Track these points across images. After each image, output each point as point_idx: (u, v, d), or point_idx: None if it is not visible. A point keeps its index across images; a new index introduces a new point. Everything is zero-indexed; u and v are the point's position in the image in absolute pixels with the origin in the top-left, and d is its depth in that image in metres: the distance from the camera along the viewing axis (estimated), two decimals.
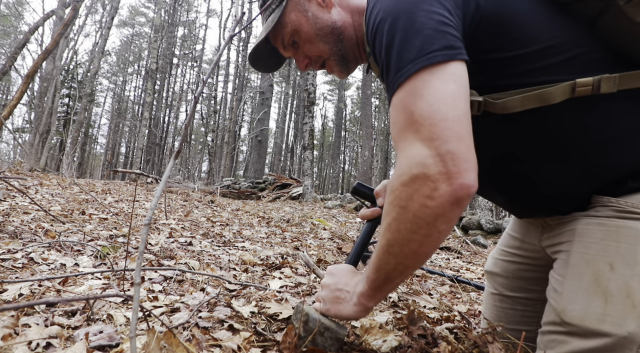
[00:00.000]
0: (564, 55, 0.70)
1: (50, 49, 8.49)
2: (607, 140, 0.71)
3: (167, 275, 1.47)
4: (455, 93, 0.61)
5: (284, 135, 26.54)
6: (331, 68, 0.91)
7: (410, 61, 0.62)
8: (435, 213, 0.60)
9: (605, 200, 0.73)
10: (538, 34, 0.70)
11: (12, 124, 23.15)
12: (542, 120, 0.72)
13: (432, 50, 0.62)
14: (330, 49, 0.87)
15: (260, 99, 13.52)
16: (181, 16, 26.53)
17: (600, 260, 0.70)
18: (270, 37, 0.90)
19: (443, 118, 0.59)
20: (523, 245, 0.98)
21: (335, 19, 0.85)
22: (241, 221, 4.11)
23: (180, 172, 14.49)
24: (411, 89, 0.62)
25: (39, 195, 3.70)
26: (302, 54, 0.90)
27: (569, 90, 0.68)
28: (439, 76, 0.61)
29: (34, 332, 0.85)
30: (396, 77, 0.65)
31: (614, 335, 0.65)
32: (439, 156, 0.59)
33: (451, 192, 0.58)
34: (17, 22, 22.81)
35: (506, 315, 1.02)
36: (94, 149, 32.96)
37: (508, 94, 0.71)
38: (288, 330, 0.81)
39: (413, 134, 0.62)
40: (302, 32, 0.86)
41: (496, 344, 0.75)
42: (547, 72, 0.70)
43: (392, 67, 0.66)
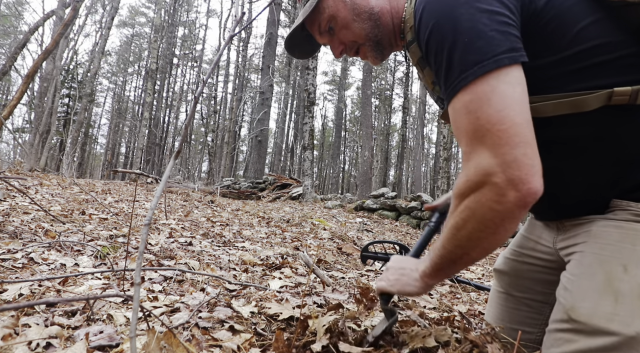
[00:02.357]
0: (605, 57, 0.69)
1: (50, 49, 8.49)
2: (635, 147, 0.71)
3: (167, 275, 1.47)
4: (522, 97, 0.62)
5: (284, 135, 26.55)
6: (365, 54, 0.91)
7: (475, 63, 0.62)
8: (503, 216, 0.63)
9: (625, 204, 0.73)
10: (582, 36, 0.69)
11: (12, 124, 23.15)
12: (576, 124, 0.72)
13: (497, 53, 0.62)
14: (367, 34, 0.86)
15: (260, 99, 13.52)
16: (181, 16, 26.52)
17: (614, 261, 0.70)
18: (307, 22, 0.90)
19: (511, 124, 0.60)
20: (537, 247, 0.98)
21: (372, 4, 0.85)
22: (241, 221, 4.11)
23: (180, 172, 14.49)
24: (478, 92, 0.62)
25: (39, 195, 3.70)
26: (338, 40, 0.90)
27: (605, 98, 0.67)
28: (505, 80, 0.61)
29: (34, 332, 0.85)
30: (459, 78, 0.64)
31: (622, 334, 0.65)
32: (506, 163, 0.60)
33: (520, 197, 0.60)
34: (17, 22, 22.81)
35: (510, 315, 1.02)
36: (94, 149, 32.96)
37: (542, 98, 0.70)
38: (277, 336, 0.82)
39: (479, 139, 0.62)
40: (339, 18, 0.86)
41: (495, 344, 0.75)
42: (586, 76, 0.69)
43: (454, 68, 0.65)
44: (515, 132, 0.60)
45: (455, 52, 0.65)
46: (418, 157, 19.25)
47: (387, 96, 28.70)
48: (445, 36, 0.66)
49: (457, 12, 0.65)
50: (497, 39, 0.62)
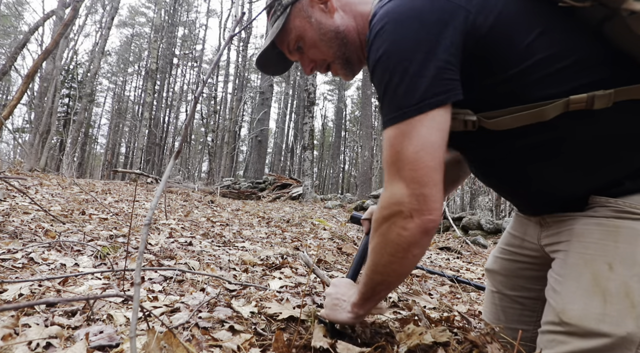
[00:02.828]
0: (559, 65, 0.70)
1: (50, 49, 8.49)
2: (604, 147, 0.72)
3: (167, 275, 1.47)
4: (438, 143, 0.69)
5: (284, 135, 26.55)
6: (336, 71, 0.93)
7: (404, 106, 0.69)
8: (409, 241, 0.72)
9: (604, 201, 0.73)
10: (532, 49, 0.70)
11: (12, 124, 23.15)
12: (538, 133, 0.74)
13: (424, 98, 0.68)
14: (334, 52, 0.88)
15: (260, 99, 13.52)
16: (181, 16, 26.51)
17: (599, 260, 0.70)
18: (276, 42, 0.92)
19: (423, 166, 0.69)
20: (523, 244, 0.99)
21: (338, 23, 0.86)
22: (241, 221, 4.11)
23: (180, 172, 14.49)
24: (402, 131, 0.70)
25: (39, 195, 3.70)
26: (308, 58, 0.92)
27: (563, 106, 0.70)
28: (426, 124, 0.68)
29: (34, 332, 0.85)
30: (390, 115, 0.71)
31: (613, 335, 0.65)
32: (414, 196, 0.69)
33: (420, 224, 0.70)
34: (17, 22, 22.81)
35: (505, 314, 1.03)
36: (94, 149, 32.96)
37: (501, 113, 0.73)
38: (277, 336, 0.82)
39: (397, 171, 0.71)
40: (306, 37, 0.88)
41: (495, 344, 0.75)
42: (541, 86, 0.71)
43: (386, 105, 0.72)
44: (425, 173, 0.69)
45: (389, 91, 0.71)
46: None
47: None
48: (384, 74, 0.71)
49: (398, 56, 0.69)
50: (427, 84, 0.68)
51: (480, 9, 0.70)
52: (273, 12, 0.90)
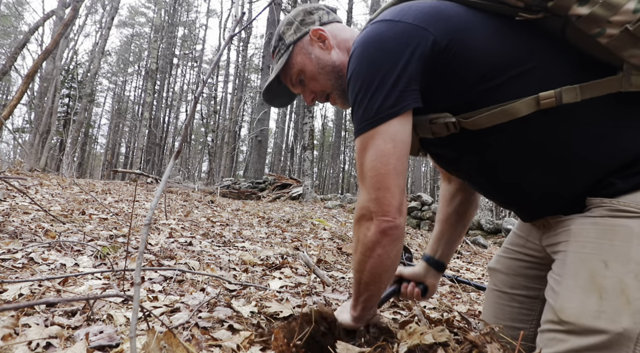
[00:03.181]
0: (525, 67, 0.75)
1: (50, 49, 8.49)
2: (581, 144, 0.76)
3: (167, 275, 1.47)
4: (390, 151, 0.77)
5: (284, 135, 26.54)
6: (334, 100, 1.03)
7: (364, 120, 0.79)
8: (371, 241, 0.81)
9: (599, 201, 0.75)
10: (497, 53, 0.76)
11: (12, 124, 23.15)
12: (516, 131, 0.78)
13: (380, 111, 0.77)
14: (332, 84, 0.98)
15: (260, 99, 13.52)
16: (181, 16, 26.51)
17: (595, 258, 0.72)
18: (281, 76, 1.03)
19: (377, 173, 0.78)
20: (527, 244, 1.02)
21: (334, 58, 0.97)
22: (241, 221, 4.11)
23: (180, 172, 14.48)
24: (362, 143, 0.80)
25: (39, 195, 3.70)
26: (309, 89, 1.02)
27: (534, 103, 0.74)
28: (381, 136, 0.77)
29: (34, 332, 0.85)
30: (355, 129, 0.81)
31: (610, 331, 0.66)
32: (372, 200, 0.79)
33: (378, 225, 0.79)
34: (17, 22, 22.81)
35: (503, 312, 1.04)
36: (94, 149, 32.95)
37: (476, 113, 0.79)
38: (276, 334, 0.82)
39: (362, 180, 0.81)
40: (307, 71, 0.98)
41: (494, 344, 0.75)
42: (510, 87, 0.76)
43: (354, 120, 0.82)
44: (378, 179, 0.78)
45: (354, 107, 0.81)
46: (418, 157, 19.24)
47: None
48: (352, 92, 0.81)
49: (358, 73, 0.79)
50: (382, 98, 0.76)
51: (438, 28, 0.77)
52: (277, 51, 1.02)
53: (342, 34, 1.00)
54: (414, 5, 0.82)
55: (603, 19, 0.68)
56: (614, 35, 0.69)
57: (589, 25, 0.70)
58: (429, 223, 6.78)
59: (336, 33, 0.99)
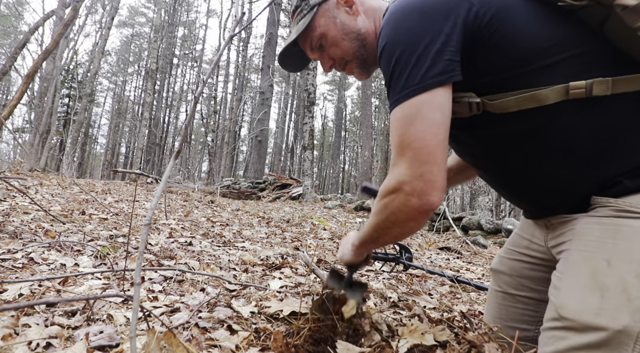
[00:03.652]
0: (560, 56, 0.73)
1: (50, 49, 8.49)
2: (602, 139, 0.74)
3: (167, 275, 1.47)
4: (439, 122, 0.73)
5: (284, 135, 26.54)
6: (352, 70, 0.99)
7: (407, 87, 0.73)
8: (407, 216, 0.77)
9: (604, 201, 0.75)
10: (535, 38, 0.74)
11: (12, 124, 23.14)
12: (540, 118, 0.76)
13: (427, 78, 0.72)
14: (354, 52, 0.94)
15: (260, 99, 13.52)
16: (181, 16, 26.49)
17: (598, 257, 0.72)
18: (299, 39, 0.97)
19: (426, 144, 0.72)
20: (531, 246, 1.00)
21: (360, 26, 0.93)
22: (241, 221, 4.11)
23: (180, 172, 14.48)
24: (405, 112, 0.74)
25: (39, 195, 3.70)
26: (327, 56, 0.97)
27: (563, 92, 0.72)
28: (430, 104, 0.72)
29: (34, 332, 0.85)
30: (395, 97, 0.75)
31: (609, 328, 0.66)
32: (415, 176, 0.73)
33: (419, 204, 0.74)
34: (17, 22, 22.80)
35: (507, 313, 1.03)
36: (94, 149, 32.94)
37: (504, 95, 0.76)
38: (275, 335, 0.82)
39: (401, 151, 0.75)
40: (329, 36, 0.94)
41: (492, 344, 0.75)
42: (542, 74, 0.74)
43: (392, 88, 0.76)
44: (427, 152, 0.72)
45: (394, 74, 0.76)
46: None
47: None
48: (390, 59, 0.76)
49: (400, 41, 0.75)
50: (428, 65, 0.72)
51: (482, 1, 0.74)
52: (299, 11, 0.96)
53: (369, 2, 0.96)
54: None
55: None
56: None
57: (633, 17, 0.67)
58: (428, 223, 6.77)
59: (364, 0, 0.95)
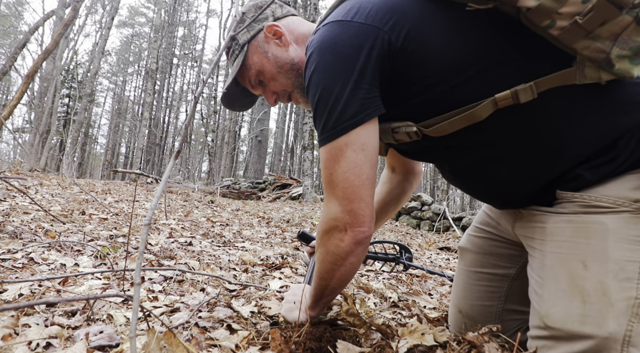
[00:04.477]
0: (478, 67, 0.72)
1: (50, 49, 8.49)
2: (544, 137, 0.74)
3: (167, 275, 1.47)
4: (362, 161, 0.76)
5: (284, 135, 26.53)
6: (297, 100, 0.98)
7: (327, 130, 0.76)
8: (345, 251, 0.80)
9: (570, 196, 0.74)
10: (452, 52, 0.73)
11: (12, 124, 23.14)
12: (478, 133, 0.76)
13: (342, 121, 0.74)
14: (293, 83, 0.94)
15: (260, 99, 13.53)
16: (181, 16, 26.51)
17: (573, 258, 0.71)
18: (238, 78, 0.99)
19: (350, 185, 0.76)
20: (498, 227, 1.01)
21: (292, 56, 0.92)
22: (241, 221, 4.11)
23: (180, 172, 14.49)
24: (330, 153, 0.77)
25: (39, 195, 3.70)
26: (270, 90, 0.97)
27: (491, 105, 0.72)
28: (351, 146, 0.75)
29: (34, 332, 0.86)
30: (319, 138, 0.78)
31: (596, 336, 0.65)
32: (346, 212, 0.77)
33: (353, 236, 0.78)
34: (17, 22, 22.81)
35: (472, 291, 1.04)
36: (94, 149, 32.94)
37: (437, 120, 0.77)
38: (272, 334, 0.82)
39: (331, 190, 0.79)
40: (265, 72, 0.94)
41: (492, 344, 0.75)
42: (466, 88, 0.73)
43: (316, 126, 0.79)
44: (352, 191, 0.76)
45: (316, 115, 0.78)
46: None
47: None
48: (312, 99, 0.77)
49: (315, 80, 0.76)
50: (341, 108, 0.73)
51: (392, 26, 0.73)
52: (232, 52, 0.96)
53: (299, 29, 0.94)
54: (364, 0, 0.77)
55: (552, 10, 0.65)
56: (564, 27, 0.66)
57: (539, 17, 0.67)
58: (428, 223, 6.78)
59: (292, 28, 0.94)
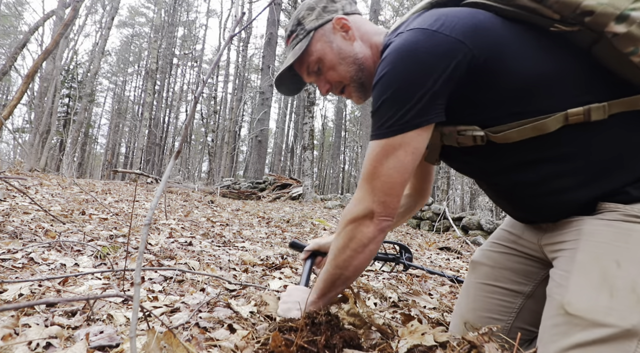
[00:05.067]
0: (556, 85, 0.77)
1: (50, 49, 8.49)
2: (604, 156, 0.78)
3: (167, 275, 1.47)
4: (409, 164, 0.82)
5: (284, 135, 26.53)
6: (350, 93, 1.00)
7: (387, 126, 0.81)
8: (368, 237, 0.86)
9: (613, 206, 0.77)
10: (531, 71, 0.78)
11: (12, 124, 23.14)
12: (542, 145, 0.80)
13: (405, 121, 0.79)
14: (352, 76, 0.96)
15: (260, 99, 13.51)
16: (181, 16, 26.50)
17: (609, 258, 0.73)
18: (295, 64, 0.99)
19: (392, 181, 0.83)
20: (519, 241, 1.02)
21: (357, 51, 0.95)
22: (241, 221, 4.11)
23: (180, 172, 14.49)
24: (382, 148, 0.82)
25: (39, 195, 3.70)
26: (324, 79, 0.99)
27: (562, 119, 0.76)
28: (404, 147, 0.81)
29: (34, 332, 0.86)
30: (375, 132, 0.83)
31: (618, 326, 0.67)
32: (379, 203, 0.84)
33: (378, 224, 0.86)
34: (17, 22, 22.80)
35: (483, 303, 1.04)
36: (94, 149, 32.94)
37: (507, 127, 0.80)
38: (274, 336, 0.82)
39: (371, 181, 0.85)
40: (326, 60, 0.96)
41: (492, 344, 0.75)
42: (542, 104, 0.78)
43: (375, 120, 0.83)
44: (392, 187, 0.83)
45: (380, 110, 0.82)
46: None
47: None
48: (380, 95, 0.81)
49: (390, 78, 0.80)
50: (408, 109, 0.78)
51: (476, 43, 0.77)
52: (295, 36, 0.98)
53: (365, 27, 0.97)
54: (451, 14, 0.81)
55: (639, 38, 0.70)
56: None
57: (624, 43, 0.71)
58: (428, 223, 6.78)
59: (359, 25, 0.97)
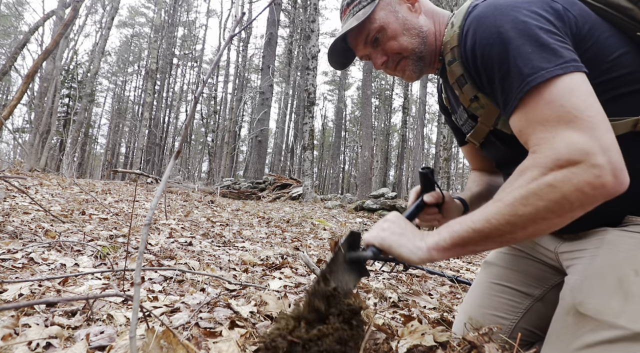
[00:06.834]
0: (633, 87, 0.74)
1: (50, 49, 8.48)
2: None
3: (167, 275, 1.47)
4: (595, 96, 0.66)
5: (284, 135, 26.54)
6: (404, 68, 0.96)
7: (543, 68, 0.66)
8: (588, 199, 0.60)
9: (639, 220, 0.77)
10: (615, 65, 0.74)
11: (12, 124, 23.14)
12: None
13: (565, 61, 0.66)
14: (414, 48, 0.93)
15: (260, 99, 13.52)
16: (181, 16, 26.50)
17: (627, 266, 0.73)
18: (351, 33, 0.95)
19: (598, 112, 0.63)
20: (536, 247, 1.02)
21: (422, 23, 0.93)
22: (241, 221, 4.11)
23: (180, 172, 14.49)
24: (559, 86, 0.65)
25: (39, 195, 3.70)
26: (382, 51, 0.95)
27: (632, 125, 0.73)
28: (584, 78, 0.66)
29: (34, 332, 0.85)
30: (532, 78, 0.66)
31: (628, 328, 0.67)
32: (606, 147, 0.60)
33: (615, 185, 0.59)
34: (17, 22, 22.80)
35: (491, 301, 1.04)
36: (94, 149, 32.93)
37: None
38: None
39: (567, 123, 0.62)
40: (389, 29, 0.92)
41: (492, 344, 0.75)
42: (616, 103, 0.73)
43: (522, 72, 0.68)
44: (603, 119, 0.62)
45: (519, 60, 0.68)
46: (418, 157, 19.26)
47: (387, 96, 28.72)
48: (508, 47, 0.70)
49: (517, 26, 0.70)
50: (561, 51, 0.67)
51: (578, 12, 0.75)
52: (357, 3, 0.94)
53: (430, 4, 0.97)
54: None
55: None
56: None
57: None
58: None
59: (424, 0, 0.97)
